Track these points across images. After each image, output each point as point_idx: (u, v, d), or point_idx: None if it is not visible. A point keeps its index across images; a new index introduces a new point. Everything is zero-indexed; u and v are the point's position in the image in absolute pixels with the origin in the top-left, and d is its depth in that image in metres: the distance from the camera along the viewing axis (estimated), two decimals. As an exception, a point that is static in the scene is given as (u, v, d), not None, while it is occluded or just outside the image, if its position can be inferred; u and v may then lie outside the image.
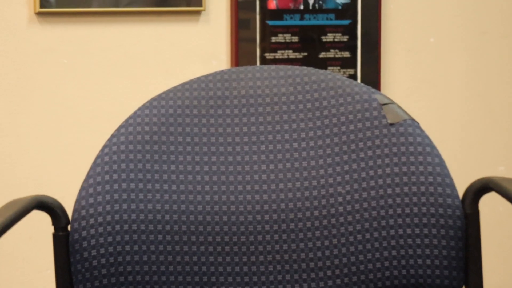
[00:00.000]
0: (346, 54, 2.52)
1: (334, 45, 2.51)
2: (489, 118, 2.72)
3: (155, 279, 1.31)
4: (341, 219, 1.31)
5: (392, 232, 1.30)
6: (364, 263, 1.31)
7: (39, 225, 2.39)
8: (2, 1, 2.26)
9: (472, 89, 2.70)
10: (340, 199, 1.32)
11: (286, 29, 2.47)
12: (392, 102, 1.34)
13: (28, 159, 2.31)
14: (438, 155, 1.31)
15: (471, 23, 2.68)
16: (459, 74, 2.68)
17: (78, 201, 1.30)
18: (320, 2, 2.48)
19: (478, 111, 2.71)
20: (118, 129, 1.34)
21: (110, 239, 1.29)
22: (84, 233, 1.29)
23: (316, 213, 1.32)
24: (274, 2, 2.44)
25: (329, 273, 1.32)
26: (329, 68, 2.50)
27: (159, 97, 1.36)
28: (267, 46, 2.45)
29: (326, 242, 1.32)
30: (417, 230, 1.30)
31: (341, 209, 1.32)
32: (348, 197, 1.32)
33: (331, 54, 2.51)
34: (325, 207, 1.32)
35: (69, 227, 1.29)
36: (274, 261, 1.32)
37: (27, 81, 2.29)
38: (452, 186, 1.30)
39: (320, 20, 2.49)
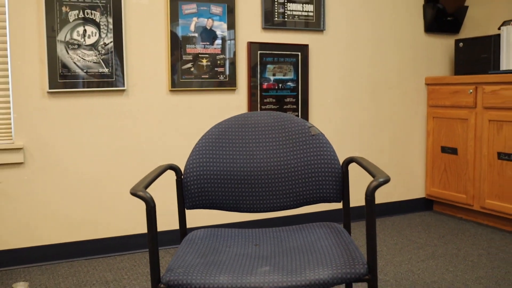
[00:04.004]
0: (294, 107, 2.50)
1: (289, 103, 2.48)
2: (353, 128, 2.68)
3: (219, 199, 1.29)
4: (290, 174, 1.29)
5: (312, 179, 1.28)
6: (300, 191, 1.29)
7: (170, 176, 2.40)
8: (159, 85, 2.17)
9: (344, 116, 2.65)
10: (291, 166, 1.29)
11: (270, 96, 2.46)
12: (313, 126, 1.32)
13: (166, 147, 2.25)
14: (331, 147, 1.30)
15: (345, 91, 2.67)
16: (337, 112, 2.61)
17: (186, 166, 1.28)
18: (284, 86, 2.49)
19: (348, 126, 2.65)
20: (201, 137, 1.31)
21: (199, 182, 1.27)
22: (188, 179, 1.26)
23: (281, 171, 1.30)
24: (265, 86, 2.45)
25: (286, 195, 1.30)
26: (287, 112, 2.49)
27: (218, 124, 1.33)
28: (262, 103, 2.45)
29: (285, 183, 1.29)
30: (322, 178, 1.28)
31: (291, 169, 1.29)
32: (294, 165, 1.29)
33: (288, 106, 2.49)
34: (285, 169, 1.29)
35: (182, 177, 1.27)
36: (266, 190, 1.30)
37: (163, 118, 2.23)
38: (337, 160, 1.28)
39: (284, 92, 2.47)
